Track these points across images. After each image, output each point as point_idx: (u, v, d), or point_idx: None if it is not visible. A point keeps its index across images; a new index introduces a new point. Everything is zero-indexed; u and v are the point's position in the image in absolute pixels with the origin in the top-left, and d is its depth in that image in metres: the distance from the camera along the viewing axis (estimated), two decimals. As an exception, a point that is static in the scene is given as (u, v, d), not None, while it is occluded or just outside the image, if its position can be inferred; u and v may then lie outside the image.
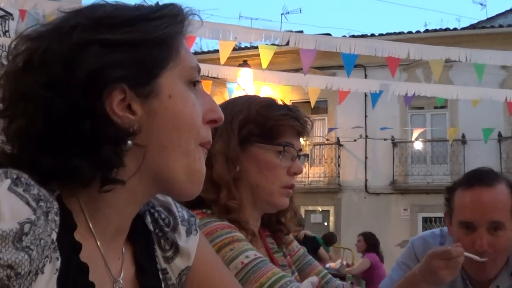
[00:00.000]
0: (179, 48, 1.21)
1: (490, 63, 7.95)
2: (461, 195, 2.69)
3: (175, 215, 1.41)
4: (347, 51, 7.78)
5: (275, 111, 2.08)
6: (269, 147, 2.05)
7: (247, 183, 2.05)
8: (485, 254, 2.54)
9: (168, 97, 1.16)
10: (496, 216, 2.58)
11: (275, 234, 2.27)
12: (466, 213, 2.63)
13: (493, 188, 2.64)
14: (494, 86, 14.11)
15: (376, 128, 20.25)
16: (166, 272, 1.37)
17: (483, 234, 2.56)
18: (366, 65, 20.14)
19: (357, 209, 22.64)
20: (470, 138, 20.19)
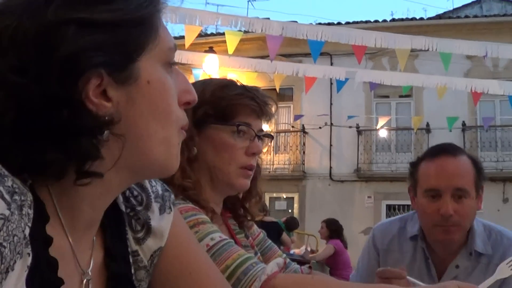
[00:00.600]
0: (159, 28, 1.14)
1: (457, 53, 8.01)
2: (426, 165, 2.78)
3: (148, 192, 1.35)
4: (314, 38, 7.78)
5: (230, 91, 2.06)
6: (224, 127, 2.02)
7: (205, 165, 2.02)
8: (450, 219, 2.62)
9: (146, 82, 1.09)
10: (460, 183, 2.67)
11: (238, 218, 2.26)
12: (431, 180, 2.71)
13: (457, 157, 2.75)
14: (459, 76, 14.19)
15: (341, 116, 20.31)
16: (137, 254, 1.31)
17: (448, 200, 2.64)
18: (332, 53, 20.14)
19: (322, 196, 22.68)
20: (434, 126, 20.34)
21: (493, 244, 2.81)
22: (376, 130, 20.86)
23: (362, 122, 21.55)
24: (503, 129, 21.86)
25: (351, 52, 8.75)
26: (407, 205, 20.94)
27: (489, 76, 18.29)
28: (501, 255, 2.74)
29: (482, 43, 8.22)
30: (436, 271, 2.83)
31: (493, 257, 2.77)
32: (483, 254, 2.78)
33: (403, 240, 2.92)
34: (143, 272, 1.33)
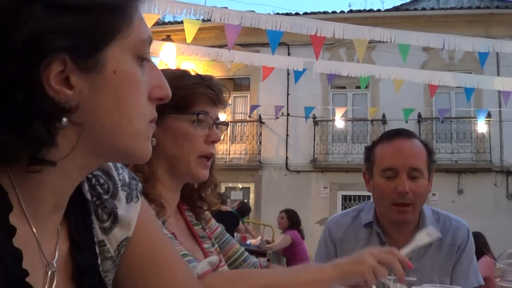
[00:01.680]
0: (133, 16, 1.10)
1: (416, 44, 8.05)
2: (382, 147, 2.93)
3: (115, 180, 1.32)
4: (272, 28, 7.77)
5: (186, 81, 2.07)
6: (183, 117, 2.03)
7: (164, 155, 2.02)
8: (406, 196, 2.75)
9: (112, 72, 1.06)
10: (416, 163, 2.83)
11: (195, 210, 2.25)
12: (388, 160, 2.86)
13: (412, 140, 2.93)
14: (416, 68, 14.29)
15: (298, 107, 20.33)
16: (103, 244, 1.28)
17: (405, 178, 2.78)
18: (290, 44, 20.12)
19: (278, 187, 22.72)
20: (390, 118, 20.44)
21: (442, 227, 2.95)
22: (333, 121, 20.90)
23: (319, 113, 21.57)
24: (458, 121, 22.10)
25: (308, 42, 8.75)
26: (362, 196, 21.10)
27: (445, 68, 18.46)
28: (452, 237, 2.96)
29: (440, 35, 8.28)
30: None
31: (444, 238, 2.90)
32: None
33: (358, 228, 3.02)
34: (110, 263, 1.30)
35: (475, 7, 23.69)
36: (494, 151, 22.05)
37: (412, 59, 11.73)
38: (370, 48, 12.57)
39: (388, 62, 13.77)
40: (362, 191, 21.82)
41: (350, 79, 13.67)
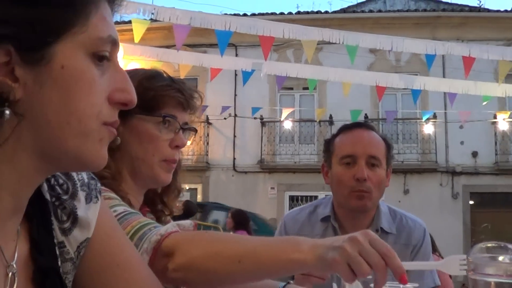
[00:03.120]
0: (91, 14, 1.05)
1: (364, 46, 8.09)
2: (341, 137, 3.00)
3: (74, 180, 1.28)
4: (222, 28, 7.73)
5: (157, 82, 2.02)
6: (149, 118, 1.98)
7: (128, 156, 1.98)
8: (364, 184, 2.80)
9: (60, 67, 1.01)
10: (374, 151, 2.89)
11: (156, 213, 2.21)
12: (347, 148, 2.91)
13: (370, 130, 3.01)
14: (363, 69, 14.42)
15: (245, 107, 20.34)
16: (63, 245, 1.24)
17: (363, 165, 2.84)
18: (237, 44, 20.12)
19: (225, 187, 22.73)
20: (337, 119, 20.58)
21: (398, 225, 2.99)
22: (280, 122, 20.95)
23: (266, 114, 21.61)
24: (404, 122, 22.39)
25: (256, 43, 8.74)
26: (310, 196, 21.22)
27: (392, 70, 18.70)
28: (407, 236, 2.97)
29: (388, 37, 8.33)
30: None
31: (399, 237, 2.96)
32: (389, 233, 2.94)
33: (314, 223, 3.03)
34: (70, 264, 1.26)
35: (422, 10, 24.05)
36: (439, 151, 22.41)
37: (359, 60, 11.80)
38: (317, 49, 12.57)
39: (335, 64, 13.81)
40: (309, 191, 21.96)
41: (297, 80, 13.70)
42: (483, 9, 25.92)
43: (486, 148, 22.46)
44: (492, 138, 22.42)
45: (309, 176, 21.99)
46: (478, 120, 19.06)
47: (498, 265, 0.89)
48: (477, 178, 22.67)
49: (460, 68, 8.84)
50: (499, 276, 0.87)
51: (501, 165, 22.38)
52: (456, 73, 13.12)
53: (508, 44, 19.22)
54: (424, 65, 9.71)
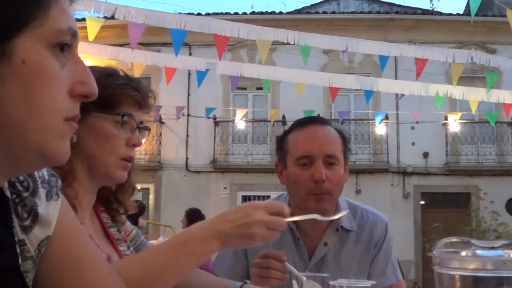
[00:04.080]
0: (50, 6, 1.04)
1: (319, 47, 8.14)
2: (295, 135, 2.78)
3: (35, 177, 1.26)
4: (177, 27, 7.71)
5: (115, 80, 2.02)
6: (107, 117, 1.98)
7: (84, 154, 1.96)
8: (323, 185, 2.62)
9: (21, 61, 1.00)
10: (331, 150, 2.70)
11: (111, 212, 2.20)
12: (303, 147, 2.71)
13: (325, 126, 2.80)
14: (316, 70, 14.50)
15: (198, 107, 20.31)
16: (23, 243, 1.22)
17: (321, 166, 2.65)
18: (191, 44, 20.08)
19: (178, 187, 22.68)
20: (290, 119, 20.66)
21: (359, 221, 2.87)
22: (233, 122, 20.98)
23: (219, 114, 21.61)
24: (356, 123, 22.58)
25: (210, 43, 8.75)
26: (262, 196, 21.23)
27: (345, 71, 18.81)
28: (369, 232, 2.85)
29: (343, 38, 8.40)
30: (306, 251, 2.83)
31: (361, 234, 2.85)
32: (350, 231, 2.83)
33: None
34: (30, 262, 1.24)
35: (375, 12, 24.32)
36: (391, 152, 22.67)
37: (313, 61, 11.85)
38: (271, 50, 12.61)
39: (288, 64, 13.88)
40: (262, 191, 22.00)
41: (251, 80, 13.72)
42: (436, 12, 26.34)
43: (437, 149, 22.79)
44: (443, 139, 22.76)
45: (262, 176, 22.04)
46: (430, 121, 19.32)
47: (462, 259, 0.92)
48: (428, 178, 22.98)
49: (412, 69, 8.95)
50: (463, 269, 0.90)
51: (451, 166, 22.73)
52: (408, 74, 13.30)
53: (459, 47, 19.50)
54: (376, 66, 9.80)
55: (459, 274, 0.91)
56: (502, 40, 21.01)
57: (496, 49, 21.61)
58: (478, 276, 0.89)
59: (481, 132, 23.18)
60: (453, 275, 0.92)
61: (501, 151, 23.18)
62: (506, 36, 8.30)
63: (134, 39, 7.96)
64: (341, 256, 2.82)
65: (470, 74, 17.12)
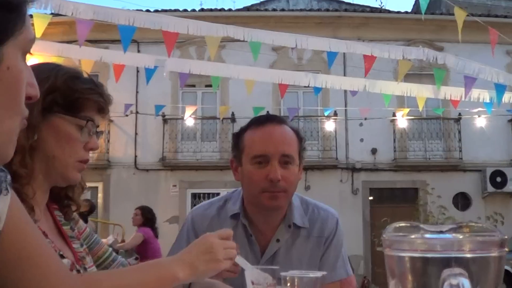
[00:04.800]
0: (25, 17, 1.10)
1: (269, 43, 8.16)
2: (252, 133, 2.80)
3: None
4: (126, 23, 7.65)
5: (82, 84, 2.03)
6: (71, 120, 1.99)
7: (43, 153, 1.96)
8: (278, 184, 2.66)
9: (6, 68, 1.04)
10: (287, 150, 2.73)
11: (63, 209, 2.20)
12: (259, 147, 2.73)
13: (282, 125, 2.82)
14: (265, 67, 14.52)
15: (147, 104, 20.22)
16: None
17: (276, 165, 2.67)
18: (140, 41, 19.98)
19: (126, 185, 22.53)
20: (239, 116, 20.68)
21: (311, 217, 2.91)
22: (182, 119, 20.92)
23: (168, 111, 21.52)
24: (305, 119, 22.70)
25: (158, 40, 8.71)
26: (212, 193, 21.22)
27: (294, 68, 18.91)
28: (320, 228, 2.89)
29: (292, 35, 8.42)
30: (259, 247, 2.86)
31: (312, 229, 2.88)
32: (302, 228, 2.86)
33: (223, 220, 2.89)
34: None
35: (324, 9, 24.48)
36: (340, 148, 22.85)
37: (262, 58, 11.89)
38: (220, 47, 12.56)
39: (237, 61, 13.87)
40: (212, 188, 21.95)
41: (200, 78, 13.73)
42: (384, 10, 26.65)
43: (385, 145, 23.06)
44: (391, 135, 23.03)
45: (212, 173, 22.04)
46: (378, 117, 19.52)
47: (412, 241, 0.95)
48: (376, 174, 23.23)
49: (360, 66, 9.03)
50: (412, 251, 0.93)
51: (399, 162, 23.01)
52: (357, 71, 13.40)
53: (407, 45, 19.74)
54: (325, 63, 9.86)
55: (408, 256, 0.94)
56: (449, 38, 21.28)
57: (444, 47, 21.89)
58: (427, 257, 0.92)
59: (428, 128, 23.53)
60: (402, 257, 0.95)
61: (448, 147, 23.54)
62: (453, 34, 8.40)
63: (82, 36, 7.87)
64: (293, 252, 2.85)
65: (418, 71, 17.35)
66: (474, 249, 0.91)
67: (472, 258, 0.90)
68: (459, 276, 0.86)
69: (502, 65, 20.54)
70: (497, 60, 17.52)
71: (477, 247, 0.91)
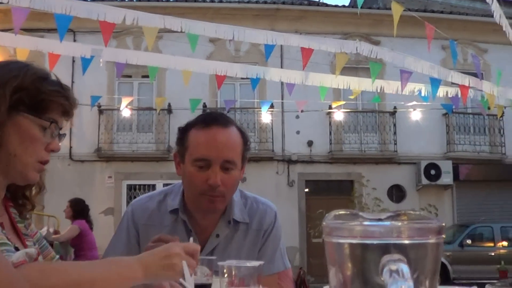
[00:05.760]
0: None
1: (206, 35, 8.13)
2: (196, 134, 2.76)
3: None
4: (62, 12, 7.55)
5: (49, 85, 2.02)
6: (36, 120, 1.98)
7: (5, 151, 1.95)
8: (217, 189, 2.66)
9: None
10: (230, 156, 2.71)
11: (19, 208, 2.20)
12: (201, 150, 2.70)
13: (228, 128, 2.77)
14: (203, 59, 14.47)
15: (82, 95, 19.92)
16: None
17: (217, 171, 2.66)
18: (76, 30, 19.74)
19: (61, 177, 22.16)
20: (176, 107, 20.62)
21: (250, 211, 2.94)
22: (118, 110, 20.75)
23: (104, 102, 21.32)
24: (242, 111, 22.78)
25: (95, 29, 8.61)
26: (148, 185, 21.18)
27: (231, 60, 18.87)
28: (258, 221, 2.93)
29: (230, 26, 8.41)
30: (198, 242, 2.86)
31: (251, 224, 2.91)
32: (241, 223, 2.89)
33: (163, 214, 2.90)
34: None
35: (262, 1, 24.50)
36: (276, 140, 22.97)
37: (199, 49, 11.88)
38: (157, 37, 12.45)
39: (174, 52, 13.81)
40: (148, 180, 21.82)
41: (136, 68, 13.63)
42: (322, 3, 26.87)
43: (321, 137, 23.28)
44: (327, 128, 23.26)
45: (147, 164, 21.94)
46: (314, 110, 19.66)
47: (351, 228, 0.96)
48: (312, 166, 23.43)
49: (297, 59, 9.06)
50: (352, 237, 0.95)
51: (335, 154, 23.26)
52: (294, 64, 13.46)
53: (345, 38, 19.92)
54: (263, 56, 9.87)
55: (348, 242, 0.96)
56: (386, 32, 21.57)
57: (380, 41, 22.20)
58: (366, 244, 0.94)
59: (364, 121, 23.85)
60: (342, 244, 0.96)
61: (383, 139, 23.89)
62: (390, 29, 8.51)
63: (18, 24, 7.74)
64: (231, 246, 2.88)
65: (355, 64, 17.50)
66: (413, 235, 0.93)
67: (410, 244, 0.92)
68: (398, 262, 0.88)
69: (438, 59, 20.92)
70: (433, 55, 17.87)
71: (415, 233, 0.93)
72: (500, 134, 24.93)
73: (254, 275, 1.97)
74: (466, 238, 21.30)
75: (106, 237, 2.99)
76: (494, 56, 23.66)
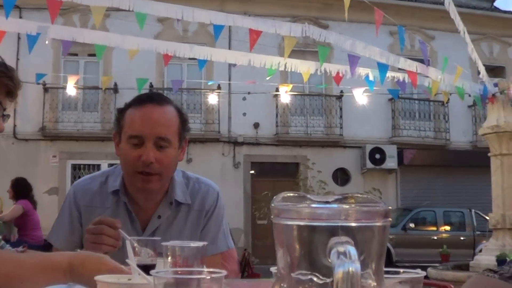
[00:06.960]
0: None
1: (155, 14, 8.08)
2: (132, 112, 2.77)
3: None
4: (7, -12, 7.43)
5: None
6: None
7: None
8: (151, 166, 2.66)
9: None
10: (164, 132, 2.72)
11: None
12: (135, 127, 2.72)
13: (163, 107, 2.79)
14: (150, 38, 14.37)
15: (27, 72, 19.67)
16: None
17: (150, 147, 2.67)
18: (22, 7, 19.42)
19: (5, 156, 21.90)
20: (122, 86, 20.44)
21: (192, 192, 2.95)
22: (64, 89, 20.48)
23: (49, 80, 21.04)
24: (189, 92, 22.70)
25: (41, 6, 8.50)
26: (92, 165, 21.01)
27: (179, 40, 18.72)
28: (200, 202, 2.94)
29: (178, 6, 8.36)
30: (140, 223, 2.87)
31: (192, 205, 2.92)
32: (183, 204, 2.90)
33: (105, 195, 2.89)
34: None
35: (212, -18, 24.37)
36: (222, 122, 22.96)
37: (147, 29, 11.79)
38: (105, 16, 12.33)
39: (121, 31, 13.65)
40: (92, 160, 21.66)
41: (83, 46, 13.42)
42: (272, -14, 26.78)
43: (267, 119, 23.33)
44: (273, 110, 23.33)
45: (92, 144, 21.75)
46: (261, 92, 19.69)
47: (299, 210, 0.97)
48: (258, 148, 23.51)
49: (245, 41, 9.06)
50: (300, 219, 0.96)
51: (281, 136, 23.36)
52: (242, 45, 13.46)
53: (294, 21, 19.94)
54: (211, 36, 9.85)
55: (296, 224, 0.96)
56: (334, 16, 21.73)
57: (329, 25, 22.29)
58: (314, 226, 0.95)
59: (310, 105, 23.96)
60: (291, 226, 0.97)
61: (329, 123, 24.05)
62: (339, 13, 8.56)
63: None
64: (173, 227, 2.88)
65: (303, 48, 17.54)
66: (360, 218, 0.94)
67: (358, 227, 0.94)
68: (346, 244, 0.89)
69: (385, 45, 21.13)
70: (381, 40, 18.03)
71: (363, 216, 0.94)
72: (445, 120, 25.29)
73: (198, 256, 1.98)
74: (409, 221, 21.61)
75: (51, 217, 2.97)
76: (441, 43, 23.98)
